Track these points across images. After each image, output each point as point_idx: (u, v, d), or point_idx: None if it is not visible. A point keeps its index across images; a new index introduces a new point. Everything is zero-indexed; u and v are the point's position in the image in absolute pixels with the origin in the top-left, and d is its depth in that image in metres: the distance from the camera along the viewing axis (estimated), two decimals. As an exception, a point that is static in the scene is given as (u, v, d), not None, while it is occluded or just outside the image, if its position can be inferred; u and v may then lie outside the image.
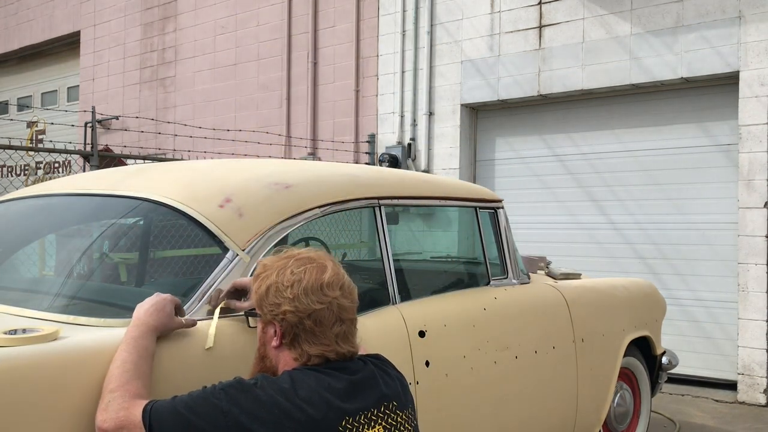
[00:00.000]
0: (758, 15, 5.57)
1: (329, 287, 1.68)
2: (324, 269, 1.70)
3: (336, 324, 1.68)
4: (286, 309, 1.66)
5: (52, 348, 1.62)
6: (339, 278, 1.71)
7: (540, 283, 3.31)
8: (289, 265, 1.71)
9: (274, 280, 1.69)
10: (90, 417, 1.60)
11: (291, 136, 8.48)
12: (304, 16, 8.45)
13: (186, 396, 1.58)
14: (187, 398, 1.57)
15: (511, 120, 7.14)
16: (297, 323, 1.66)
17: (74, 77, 11.50)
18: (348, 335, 1.71)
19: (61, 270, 2.49)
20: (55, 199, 2.51)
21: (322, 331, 1.66)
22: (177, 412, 1.54)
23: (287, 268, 1.70)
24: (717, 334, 5.94)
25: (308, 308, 1.65)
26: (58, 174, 11.48)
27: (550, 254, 5.95)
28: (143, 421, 1.53)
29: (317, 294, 1.66)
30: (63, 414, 1.57)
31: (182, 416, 1.53)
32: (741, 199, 5.60)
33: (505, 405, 2.80)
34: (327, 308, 1.67)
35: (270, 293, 1.69)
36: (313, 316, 1.66)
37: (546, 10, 6.67)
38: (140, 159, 6.37)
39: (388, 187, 2.61)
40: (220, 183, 2.24)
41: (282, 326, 1.68)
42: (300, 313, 1.65)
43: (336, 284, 1.70)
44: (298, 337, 1.67)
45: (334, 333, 1.68)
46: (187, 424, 1.52)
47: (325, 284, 1.68)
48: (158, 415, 1.54)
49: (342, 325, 1.69)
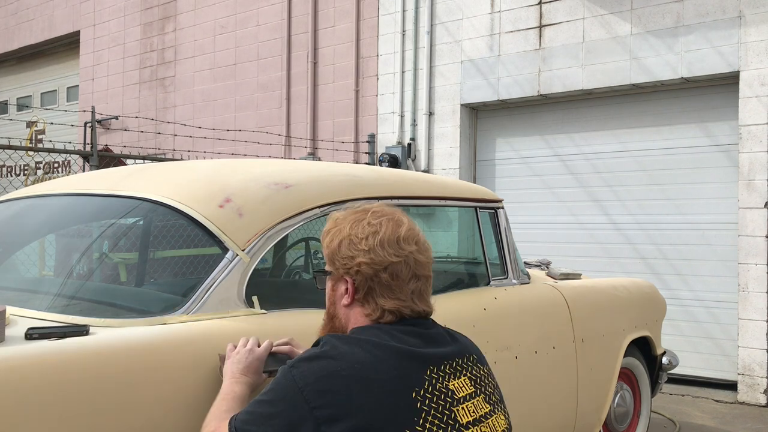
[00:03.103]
0: (758, 15, 5.57)
1: (406, 241, 1.63)
2: (400, 223, 1.65)
3: (412, 280, 1.62)
4: (361, 261, 1.60)
5: (52, 348, 1.62)
6: (415, 233, 1.66)
7: (540, 283, 3.31)
8: (364, 218, 1.65)
9: (347, 233, 1.64)
10: (90, 417, 1.59)
11: (291, 136, 8.47)
12: (303, 16, 8.45)
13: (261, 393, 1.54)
14: (261, 394, 1.53)
15: (512, 120, 7.14)
16: (372, 276, 1.60)
17: (74, 77, 11.49)
18: (423, 293, 1.65)
19: (61, 270, 2.49)
20: (55, 199, 2.50)
21: (399, 285, 1.61)
22: (254, 410, 1.49)
23: (362, 221, 1.64)
24: (717, 335, 5.94)
25: (385, 260, 1.60)
26: (58, 174, 11.48)
27: (551, 254, 5.96)
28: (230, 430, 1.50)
29: (394, 247, 1.61)
30: (64, 415, 1.56)
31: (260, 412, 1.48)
32: (741, 199, 5.60)
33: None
34: (404, 262, 1.61)
35: (343, 246, 1.63)
36: (390, 269, 1.60)
37: (546, 9, 6.67)
38: (140, 159, 6.36)
39: (388, 187, 2.61)
40: (220, 183, 2.24)
41: (355, 280, 1.62)
42: (376, 265, 1.60)
43: (412, 239, 1.65)
44: (373, 291, 1.61)
45: (410, 289, 1.62)
46: (269, 416, 1.46)
47: (402, 238, 1.63)
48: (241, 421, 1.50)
49: (418, 281, 1.63)
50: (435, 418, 1.47)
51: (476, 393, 1.59)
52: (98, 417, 1.61)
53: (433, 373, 1.53)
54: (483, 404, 1.59)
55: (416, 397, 1.47)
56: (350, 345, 1.52)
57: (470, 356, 1.66)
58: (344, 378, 1.45)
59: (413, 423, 1.44)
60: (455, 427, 1.49)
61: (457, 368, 1.59)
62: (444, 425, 1.48)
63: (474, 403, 1.57)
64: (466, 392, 1.57)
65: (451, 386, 1.54)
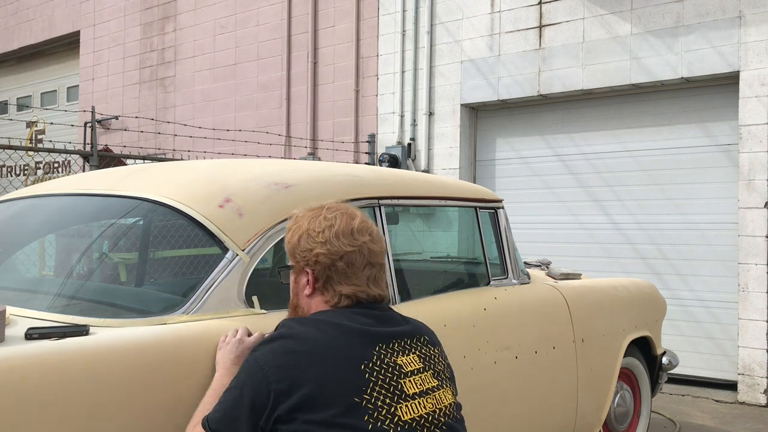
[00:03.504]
0: (759, 15, 5.57)
1: (359, 232, 1.77)
2: (354, 216, 1.80)
3: (366, 267, 1.77)
4: (318, 252, 1.74)
5: (52, 348, 1.61)
6: (368, 225, 1.81)
7: (540, 283, 3.31)
8: (321, 214, 1.80)
9: (306, 228, 1.78)
10: (90, 417, 1.59)
11: (291, 136, 8.47)
12: (303, 16, 8.45)
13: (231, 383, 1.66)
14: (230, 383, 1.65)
15: (512, 120, 7.14)
16: (330, 265, 1.74)
17: (74, 77, 11.49)
18: (378, 279, 1.80)
19: (61, 270, 2.49)
20: (55, 199, 2.50)
21: (354, 272, 1.75)
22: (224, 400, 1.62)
23: (319, 217, 1.79)
24: (717, 335, 5.94)
25: (340, 250, 1.74)
26: (58, 174, 11.48)
27: (551, 254, 5.96)
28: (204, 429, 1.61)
29: (348, 238, 1.75)
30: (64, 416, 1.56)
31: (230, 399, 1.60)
32: (741, 199, 5.60)
33: (505, 405, 2.80)
34: (358, 251, 1.75)
35: (302, 240, 1.77)
36: (345, 258, 1.74)
37: (546, 9, 6.67)
38: (140, 159, 6.36)
39: (388, 187, 2.61)
40: (220, 183, 2.24)
41: (315, 270, 1.76)
42: (332, 255, 1.74)
43: (365, 230, 1.79)
44: (331, 280, 1.75)
45: (365, 275, 1.76)
46: (237, 400, 1.59)
47: (356, 229, 1.77)
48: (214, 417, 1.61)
49: (372, 268, 1.78)
50: (382, 388, 1.61)
51: (424, 369, 1.72)
52: (98, 417, 1.61)
53: (382, 349, 1.67)
54: (431, 379, 1.72)
55: (364, 369, 1.61)
56: (305, 325, 1.68)
57: (421, 337, 1.79)
58: (299, 353, 1.60)
59: (361, 392, 1.58)
60: (401, 397, 1.63)
61: (406, 346, 1.73)
62: (390, 395, 1.62)
63: (421, 377, 1.70)
64: (414, 367, 1.70)
65: (399, 361, 1.68)
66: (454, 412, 1.75)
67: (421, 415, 1.64)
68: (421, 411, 1.65)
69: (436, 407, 1.68)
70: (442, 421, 1.68)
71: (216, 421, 1.60)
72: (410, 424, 1.62)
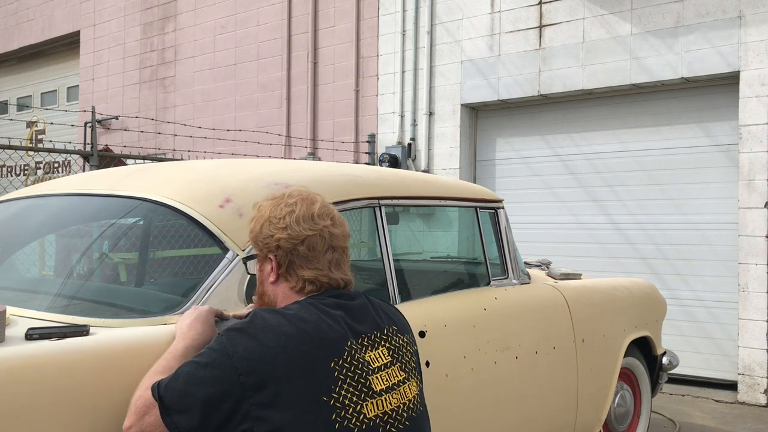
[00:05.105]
0: (759, 15, 5.57)
1: (320, 217, 1.78)
2: (314, 202, 1.81)
3: (328, 251, 1.77)
4: (279, 237, 1.74)
5: (52, 348, 1.61)
6: (329, 210, 1.82)
7: (540, 283, 3.31)
8: (282, 201, 1.80)
9: (267, 216, 1.78)
10: (90, 418, 1.59)
11: (291, 136, 8.47)
12: (303, 16, 8.44)
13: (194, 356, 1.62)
14: (194, 357, 1.61)
15: (512, 120, 7.13)
16: (291, 250, 1.74)
17: (74, 77, 11.49)
18: (340, 263, 1.80)
19: (61, 270, 2.49)
20: (55, 199, 2.50)
21: (315, 256, 1.75)
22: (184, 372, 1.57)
23: (280, 204, 1.79)
24: (717, 335, 5.94)
25: (301, 234, 1.74)
26: (58, 174, 11.48)
27: (551, 254, 5.96)
28: (153, 395, 1.56)
29: (308, 222, 1.76)
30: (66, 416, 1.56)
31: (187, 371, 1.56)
32: (741, 199, 5.60)
33: (506, 405, 2.80)
34: (318, 235, 1.76)
35: (264, 228, 1.78)
36: (306, 242, 1.74)
37: (546, 9, 6.67)
38: (140, 159, 6.36)
39: (388, 187, 2.61)
40: (220, 183, 2.23)
41: (277, 256, 1.76)
42: (293, 239, 1.74)
43: (326, 215, 1.80)
44: (293, 264, 1.75)
45: (327, 259, 1.76)
46: (198, 377, 1.55)
47: (316, 214, 1.78)
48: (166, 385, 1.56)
49: (334, 252, 1.78)
50: (350, 386, 1.62)
51: (392, 362, 1.74)
52: (98, 417, 1.61)
53: (353, 345, 1.67)
54: (398, 372, 1.74)
55: (334, 366, 1.61)
56: (277, 318, 1.64)
57: (391, 327, 1.80)
58: (270, 348, 1.57)
59: (330, 390, 1.58)
60: (369, 394, 1.64)
61: (376, 340, 1.74)
62: (358, 392, 1.62)
63: (389, 372, 1.71)
64: (382, 362, 1.71)
65: (367, 357, 1.68)
66: (417, 405, 1.76)
67: (385, 411, 1.66)
68: (386, 407, 1.66)
69: (400, 402, 1.70)
70: (405, 416, 1.70)
71: (167, 389, 1.55)
72: (374, 420, 1.63)
